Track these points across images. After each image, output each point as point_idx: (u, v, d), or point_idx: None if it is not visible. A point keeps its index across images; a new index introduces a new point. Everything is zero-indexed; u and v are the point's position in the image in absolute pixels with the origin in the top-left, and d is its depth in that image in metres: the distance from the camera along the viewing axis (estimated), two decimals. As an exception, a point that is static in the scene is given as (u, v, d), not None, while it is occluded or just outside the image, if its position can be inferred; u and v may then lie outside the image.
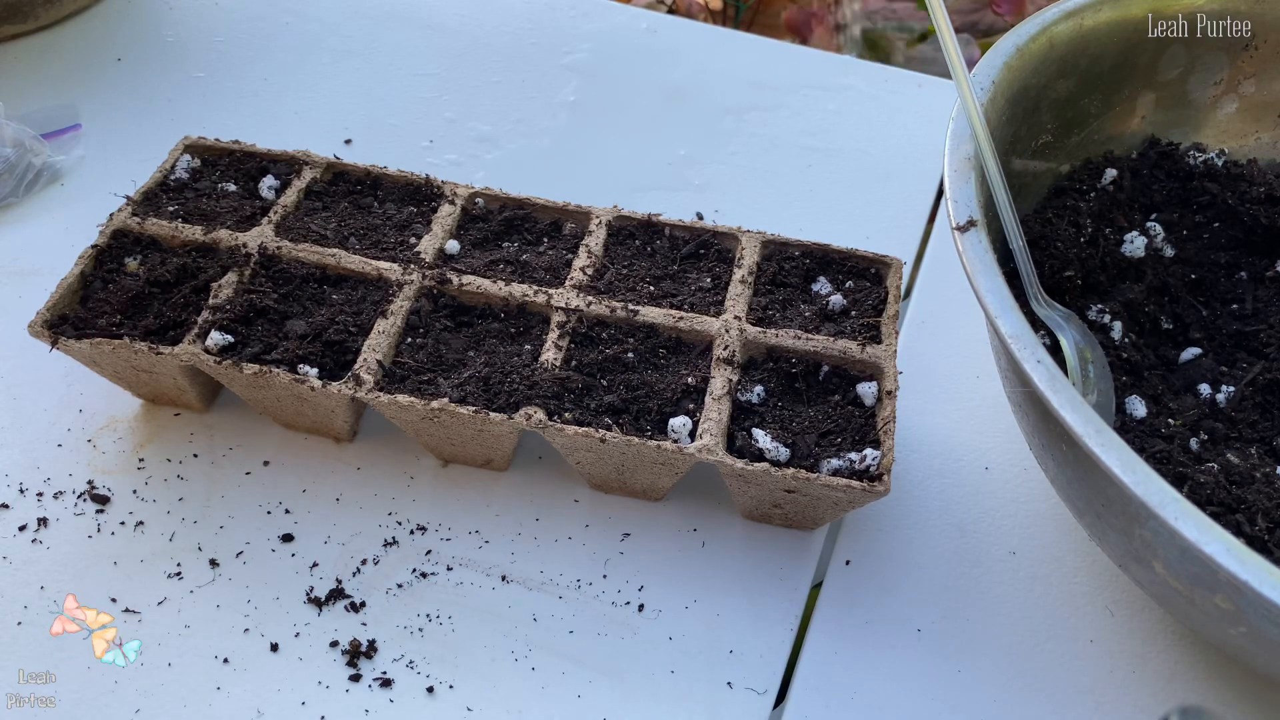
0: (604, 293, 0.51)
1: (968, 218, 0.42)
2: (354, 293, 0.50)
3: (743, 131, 0.68)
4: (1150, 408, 0.46)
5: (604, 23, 0.75)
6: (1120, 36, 0.51)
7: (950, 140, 0.44)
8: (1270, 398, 0.47)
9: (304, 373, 0.46)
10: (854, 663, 0.46)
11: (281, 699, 0.43)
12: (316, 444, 0.51)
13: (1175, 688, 0.45)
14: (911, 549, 0.49)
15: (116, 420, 0.51)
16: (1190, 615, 0.39)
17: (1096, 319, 0.49)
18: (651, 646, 0.45)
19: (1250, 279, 0.52)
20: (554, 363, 0.47)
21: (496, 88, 0.70)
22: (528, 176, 0.63)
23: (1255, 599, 0.32)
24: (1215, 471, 0.42)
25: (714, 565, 0.48)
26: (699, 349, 0.49)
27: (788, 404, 0.48)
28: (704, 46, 0.74)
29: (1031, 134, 0.51)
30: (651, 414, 0.47)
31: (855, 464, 0.45)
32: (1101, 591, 0.48)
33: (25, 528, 0.47)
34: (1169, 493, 0.34)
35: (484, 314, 0.50)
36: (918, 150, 0.68)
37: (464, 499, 0.50)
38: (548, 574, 0.47)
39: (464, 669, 0.44)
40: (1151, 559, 0.37)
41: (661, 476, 0.47)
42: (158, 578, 0.46)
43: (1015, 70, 0.48)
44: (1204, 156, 0.54)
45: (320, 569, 0.47)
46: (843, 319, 0.51)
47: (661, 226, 0.54)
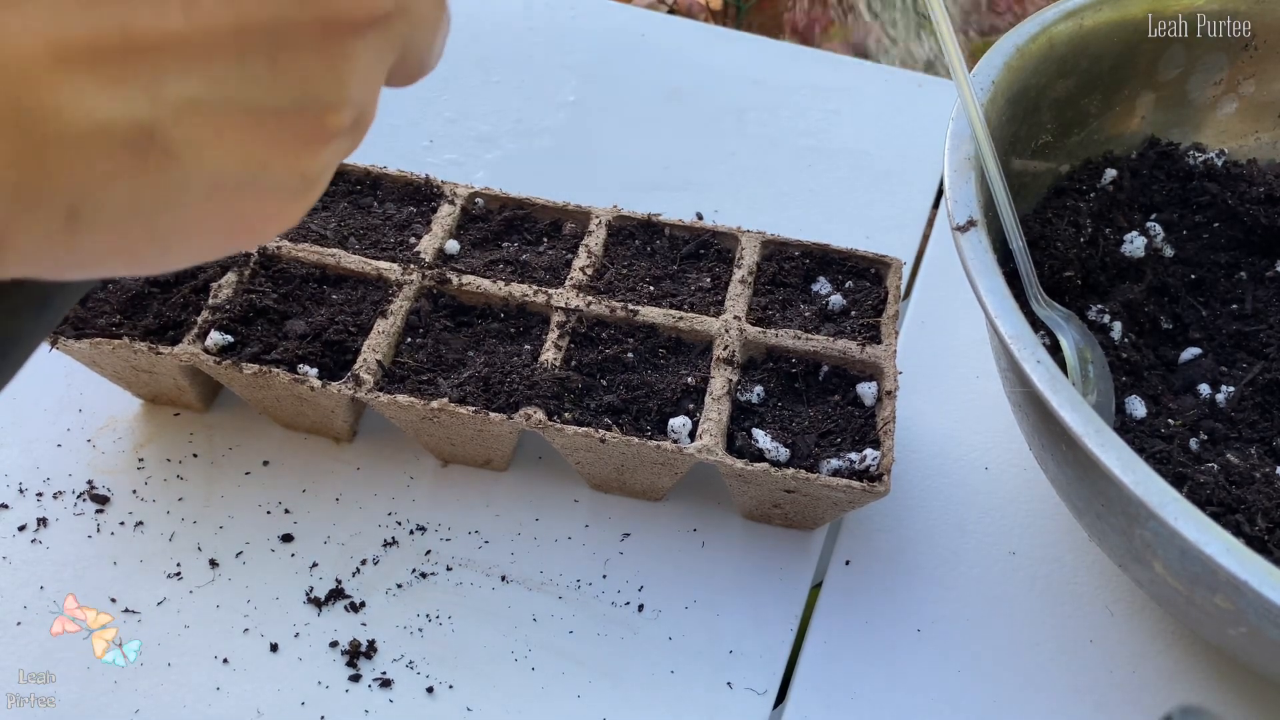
0: (604, 293, 0.51)
1: (968, 218, 0.42)
2: (354, 293, 0.50)
3: (743, 131, 0.68)
4: (1150, 408, 0.46)
5: (604, 23, 0.75)
6: (1120, 36, 0.51)
7: (950, 140, 0.44)
8: (1270, 398, 0.47)
9: (304, 373, 0.46)
10: (854, 663, 0.46)
11: (281, 699, 0.43)
12: (316, 444, 0.51)
13: (1175, 688, 0.45)
14: (911, 549, 0.49)
15: (116, 420, 0.51)
16: (1190, 615, 0.39)
17: (1096, 319, 0.49)
18: (651, 646, 0.45)
19: (1250, 279, 0.52)
20: (554, 363, 0.47)
21: (496, 88, 0.70)
22: (528, 176, 0.63)
23: (1255, 599, 0.32)
24: (1215, 471, 0.42)
25: (714, 565, 0.48)
26: (699, 349, 0.49)
27: (788, 404, 0.48)
28: (704, 46, 0.74)
29: (1031, 134, 0.51)
30: (651, 414, 0.47)
31: (855, 464, 0.45)
32: (1101, 591, 0.48)
33: (25, 528, 0.47)
34: (1169, 493, 0.34)
35: (484, 314, 0.50)
36: (918, 150, 0.68)
37: (464, 499, 0.50)
38: (548, 574, 0.47)
39: (464, 669, 0.44)
40: (1151, 559, 0.37)
41: (661, 476, 0.47)
42: (158, 578, 0.46)
43: (1015, 70, 0.48)
44: (1204, 156, 0.54)
45: (320, 569, 0.47)
46: (843, 319, 0.51)
47: (661, 226, 0.54)
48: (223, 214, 0.21)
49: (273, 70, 0.20)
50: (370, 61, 0.22)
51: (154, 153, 0.19)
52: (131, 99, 0.18)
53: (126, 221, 0.19)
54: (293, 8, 0.20)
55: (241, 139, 0.20)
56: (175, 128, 0.19)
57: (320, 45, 0.20)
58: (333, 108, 0.21)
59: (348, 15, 0.20)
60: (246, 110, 0.20)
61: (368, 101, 0.22)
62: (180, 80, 0.19)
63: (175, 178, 0.19)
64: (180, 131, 0.19)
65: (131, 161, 0.19)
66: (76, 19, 0.17)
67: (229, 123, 0.20)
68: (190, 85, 0.19)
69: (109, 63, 0.18)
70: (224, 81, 0.19)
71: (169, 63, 0.18)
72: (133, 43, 0.18)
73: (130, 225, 0.19)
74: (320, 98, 0.21)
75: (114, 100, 0.18)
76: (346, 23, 0.20)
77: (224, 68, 0.19)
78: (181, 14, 0.18)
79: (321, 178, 0.22)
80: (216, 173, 0.20)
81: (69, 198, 0.18)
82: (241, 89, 0.19)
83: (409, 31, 0.23)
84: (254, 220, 0.21)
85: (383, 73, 0.23)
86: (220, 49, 0.19)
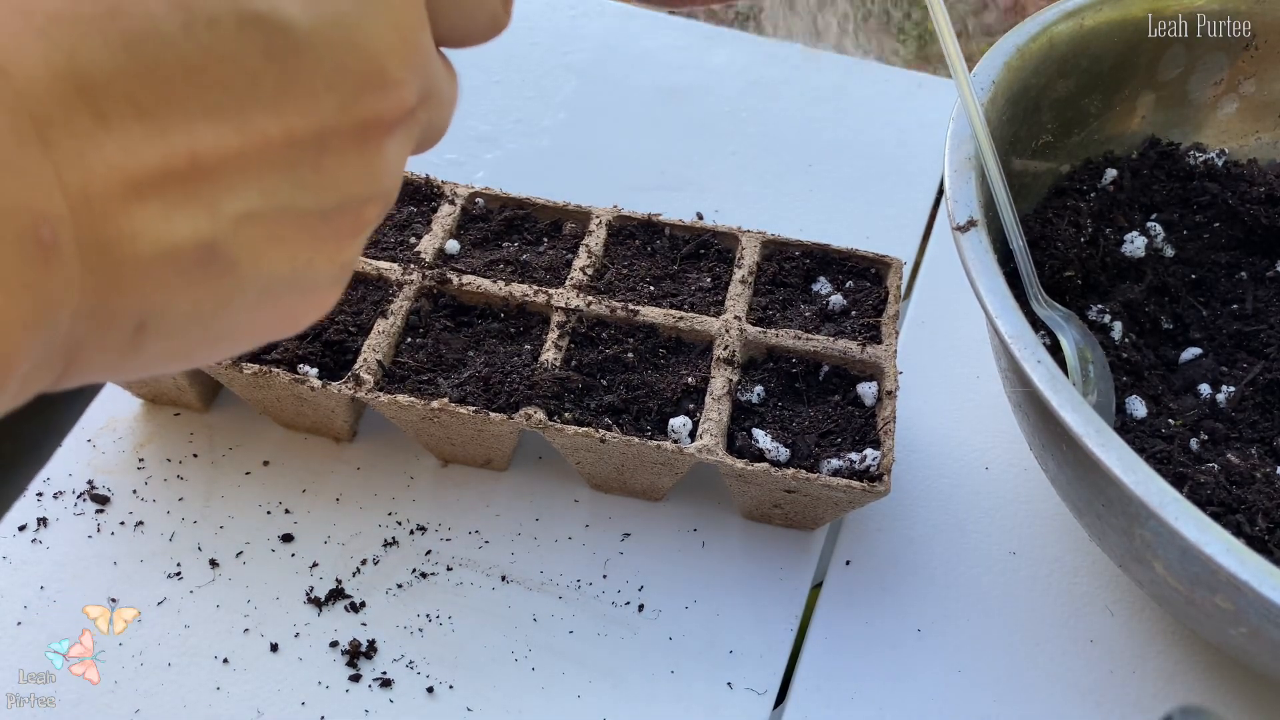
0: (604, 293, 0.51)
1: (968, 218, 0.42)
2: (354, 292, 0.50)
3: (743, 131, 0.68)
4: (1150, 408, 0.46)
5: (604, 23, 0.75)
6: (1120, 36, 0.51)
7: (950, 140, 0.44)
8: (1270, 398, 0.47)
9: (304, 373, 0.46)
10: (854, 663, 0.46)
11: (281, 699, 0.43)
12: (316, 444, 0.51)
13: (1175, 688, 0.45)
14: (911, 549, 0.49)
15: (116, 420, 0.51)
16: (1190, 615, 0.39)
17: (1096, 319, 0.48)
18: (651, 646, 0.45)
19: (1250, 279, 0.52)
20: (554, 363, 0.47)
21: (496, 87, 0.70)
22: (528, 176, 0.63)
23: (1255, 599, 0.32)
24: (1215, 471, 0.42)
25: (714, 565, 0.48)
26: (699, 349, 0.49)
27: (788, 404, 0.48)
28: (704, 46, 0.74)
29: (1031, 134, 0.51)
30: (651, 414, 0.47)
31: (855, 464, 0.45)
32: (1101, 591, 0.48)
33: (25, 528, 0.47)
34: (1169, 493, 0.34)
35: (484, 314, 0.50)
36: (918, 150, 0.68)
37: (464, 499, 0.50)
38: (548, 574, 0.47)
39: (464, 669, 0.44)
40: (1151, 559, 0.37)
41: (661, 476, 0.47)
42: (158, 578, 0.46)
43: (1015, 70, 0.48)
44: (1204, 156, 0.54)
45: (320, 569, 0.47)
46: (843, 319, 0.51)
47: (661, 226, 0.54)
48: (272, 312, 0.22)
49: (318, 175, 0.21)
50: (400, 152, 0.23)
51: (216, 265, 0.20)
52: (196, 218, 0.19)
53: (187, 329, 0.20)
54: (334, 115, 0.20)
55: (292, 242, 0.21)
56: (234, 240, 0.20)
57: (359, 146, 0.21)
58: (371, 201, 0.22)
59: (384, 116, 0.21)
60: (297, 215, 0.21)
61: (396, 187, 0.23)
62: (238, 195, 0.20)
63: (233, 284, 0.20)
64: (239, 243, 0.20)
65: (196, 275, 0.19)
66: (148, 150, 0.18)
67: (282, 229, 0.21)
68: (247, 199, 0.20)
69: (176, 187, 0.19)
70: (277, 192, 0.20)
71: (228, 180, 0.19)
72: (198, 166, 0.19)
73: (189, 332, 0.20)
74: (360, 194, 0.22)
75: (182, 222, 0.19)
76: (382, 122, 0.21)
77: (276, 179, 0.20)
78: (238, 134, 0.19)
79: (355, 264, 0.24)
80: (270, 276, 0.21)
81: (139, 315, 0.19)
82: (292, 197, 0.20)
83: (430, 115, 0.24)
84: (299, 313, 0.23)
85: (408, 156, 0.24)
86: (272, 162, 0.20)
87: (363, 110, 0.21)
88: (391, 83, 0.21)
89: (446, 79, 0.25)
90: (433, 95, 0.23)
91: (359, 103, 0.21)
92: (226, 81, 0.19)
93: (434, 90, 0.23)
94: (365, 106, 0.21)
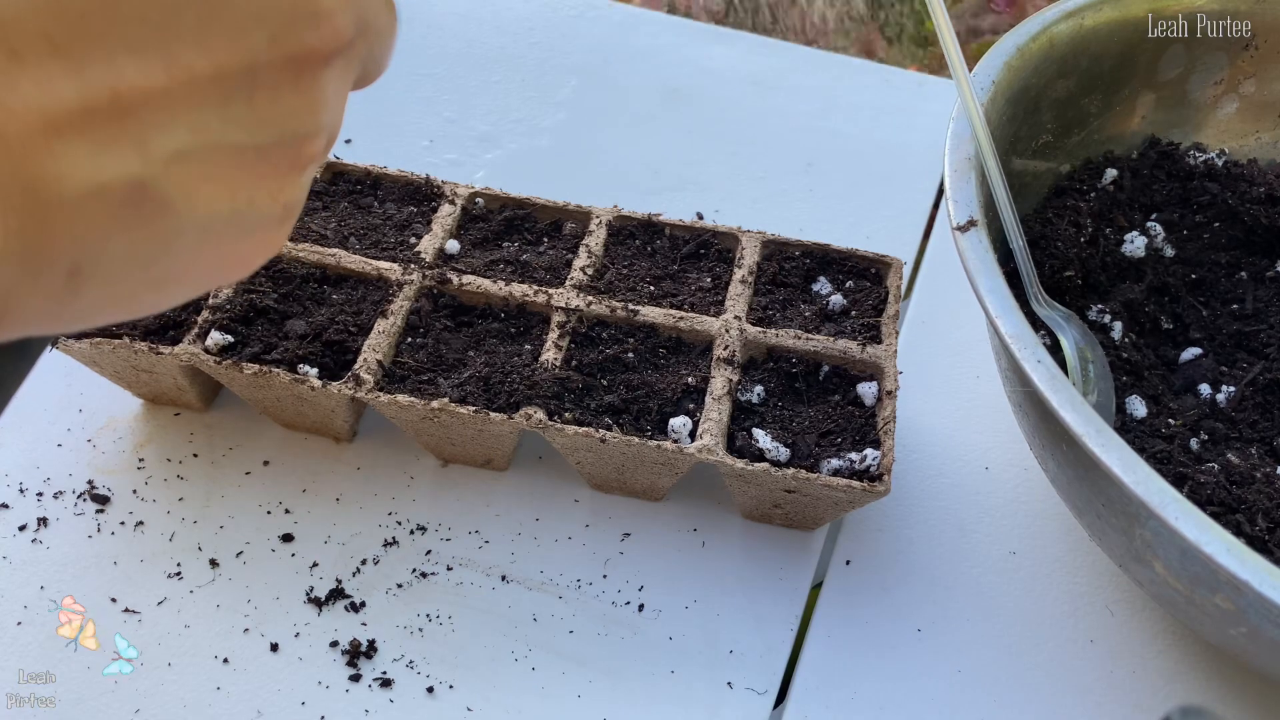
0: (604, 293, 0.51)
1: (968, 218, 0.42)
2: (354, 292, 0.50)
3: (743, 131, 0.68)
4: (1150, 408, 0.46)
5: (604, 23, 0.75)
6: (1120, 36, 0.51)
7: (950, 140, 0.44)
8: (1270, 398, 0.47)
9: (304, 373, 0.46)
10: (854, 663, 0.46)
11: (281, 699, 0.43)
12: (316, 444, 0.51)
13: (1175, 688, 0.45)
14: (911, 549, 0.49)
15: (116, 420, 0.51)
16: (1190, 615, 0.39)
17: (1096, 319, 0.49)
18: (651, 646, 0.45)
19: (1250, 279, 0.52)
20: (554, 363, 0.47)
21: (496, 87, 0.70)
22: (528, 176, 0.63)
23: (1255, 599, 0.32)
24: (1215, 471, 0.42)
25: (714, 565, 0.48)
26: (699, 349, 0.49)
27: (788, 404, 0.48)
28: (704, 46, 0.74)
29: (1032, 134, 0.51)
30: (651, 414, 0.47)
31: (855, 464, 0.45)
32: (1101, 591, 0.48)
33: (25, 527, 0.47)
34: (1169, 493, 0.34)
35: (484, 314, 0.50)
36: (918, 150, 0.68)
37: (464, 499, 0.50)
38: (548, 574, 0.47)
39: (464, 669, 0.44)
40: (1151, 559, 0.37)
41: (661, 476, 0.47)
42: (158, 578, 0.46)
43: (1015, 70, 0.48)
44: (1204, 156, 0.54)
45: (320, 569, 0.47)
46: (843, 319, 0.51)
47: (661, 226, 0.54)
48: (215, 252, 0.21)
49: (251, 111, 0.20)
50: (339, 86, 0.22)
51: (148, 205, 0.19)
52: (124, 157, 0.19)
53: (125, 273, 0.20)
54: (264, 49, 0.20)
55: (228, 180, 0.20)
56: (166, 179, 0.19)
57: (293, 80, 0.21)
58: (310, 136, 0.22)
59: (317, 48, 0.21)
60: (231, 152, 0.20)
61: (337, 122, 0.23)
62: (167, 133, 0.19)
63: (169, 225, 0.20)
64: (171, 182, 0.19)
65: (128, 216, 0.19)
66: (67, 88, 0.18)
67: (216, 167, 0.20)
68: (177, 136, 0.19)
69: (100, 126, 0.18)
70: (208, 128, 0.20)
71: (155, 118, 0.19)
72: (121, 104, 0.18)
73: (128, 275, 0.20)
74: (297, 130, 0.21)
75: (108, 161, 0.18)
76: (316, 55, 0.21)
77: (206, 115, 0.20)
78: (163, 69, 0.19)
79: (300, 202, 0.23)
80: (208, 215, 0.20)
81: (70, 259, 0.19)
82: (224, 133, 0.20)
83: (369, 48, 0.23)
84: (244, 253, 0.22)
85: (348, 90, 0.23)
86: (201, 98, 0.19)
87: (294, 43, 0.20)
88: (324, 13, 0.21)
89: (384, 10, 0.24)
90: (369, 26, 0.23)
91: (290, 35, 0.20)
92: (146, 16, 0.18)
93: (370, 22, 0.23)
94: (297, 39, 0.20)
